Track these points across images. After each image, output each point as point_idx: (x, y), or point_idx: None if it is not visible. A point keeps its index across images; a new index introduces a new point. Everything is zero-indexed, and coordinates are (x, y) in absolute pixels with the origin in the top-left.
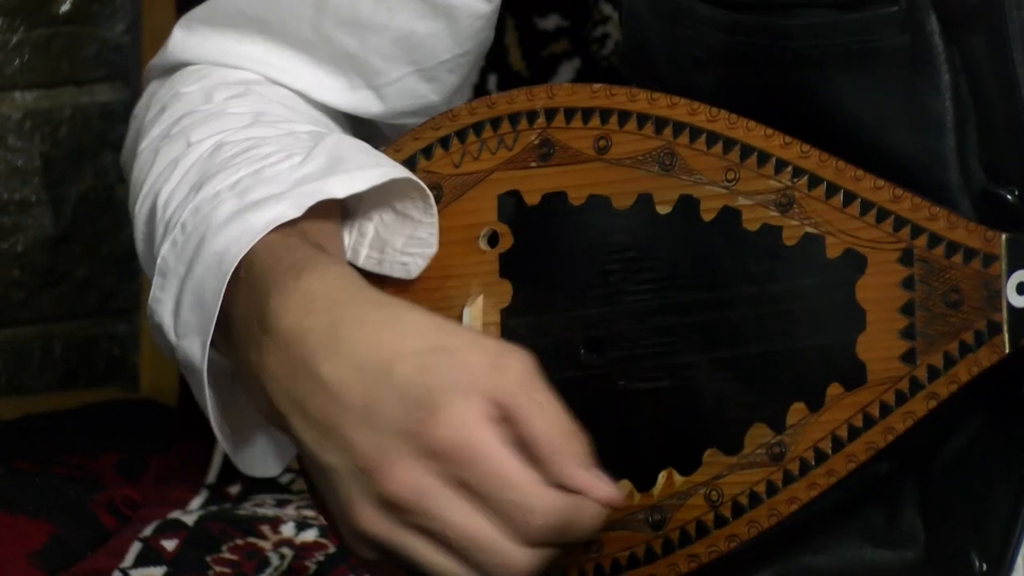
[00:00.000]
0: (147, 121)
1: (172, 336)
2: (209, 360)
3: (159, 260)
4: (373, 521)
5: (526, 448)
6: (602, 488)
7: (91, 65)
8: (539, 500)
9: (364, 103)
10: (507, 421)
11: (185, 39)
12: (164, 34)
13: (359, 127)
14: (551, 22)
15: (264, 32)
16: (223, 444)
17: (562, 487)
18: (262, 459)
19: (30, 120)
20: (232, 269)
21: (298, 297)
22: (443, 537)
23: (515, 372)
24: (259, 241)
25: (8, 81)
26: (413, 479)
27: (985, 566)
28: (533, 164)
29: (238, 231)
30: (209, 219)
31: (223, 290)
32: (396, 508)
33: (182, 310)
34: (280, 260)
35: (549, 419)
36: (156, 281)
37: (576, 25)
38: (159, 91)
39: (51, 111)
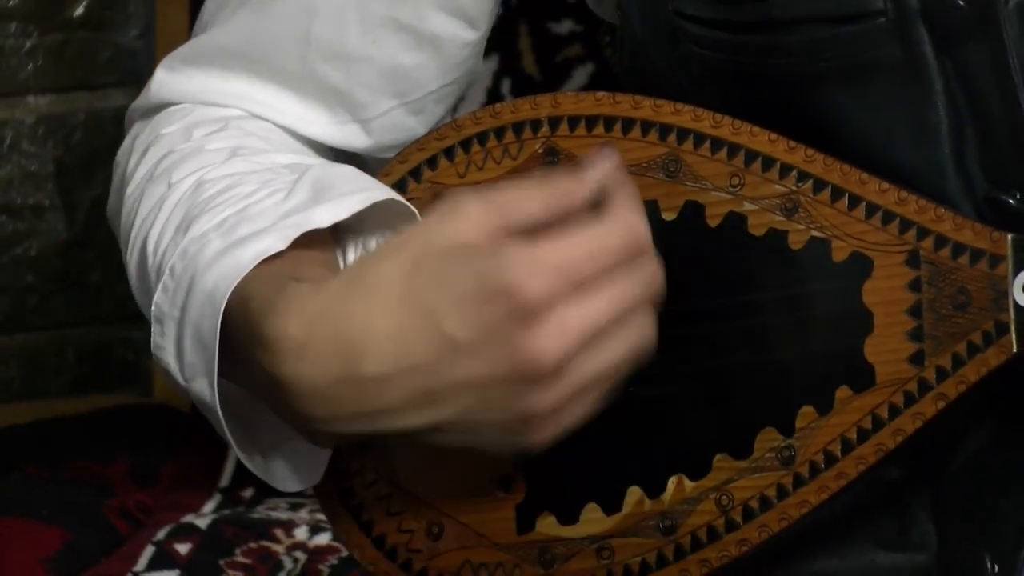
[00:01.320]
0: (131, 167)
1: (181, 380)
2: (223, 389)
3: (153, 307)
4: (558, 391)
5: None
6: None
7: (105, 70)
8: (611, 226)
9: (351, 137)
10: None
11: (167, 79)
12: (178, 39)
13: (345, 160)
14: (565, 27)
15: (248, 69)
16: (254, 470)
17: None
18: (288, 475)
19: (43, 125)
20: (223, 305)
21: (283, 341)
22: (609, 322)
23: (480, 210)
24: (248, 275)
25: (22, 86)
26: (550, 335)
27: (997, 567)
28: (539, 173)
29: (226, 267)
30: (197, 260)
31: (218, 327)
32: (559, 370)
33: (185, 353)
34: (263, 300)
35: (536, 193)
36: (155, 328)
37: (590, 30)
38: (141, 135)
39: (64, 116)
